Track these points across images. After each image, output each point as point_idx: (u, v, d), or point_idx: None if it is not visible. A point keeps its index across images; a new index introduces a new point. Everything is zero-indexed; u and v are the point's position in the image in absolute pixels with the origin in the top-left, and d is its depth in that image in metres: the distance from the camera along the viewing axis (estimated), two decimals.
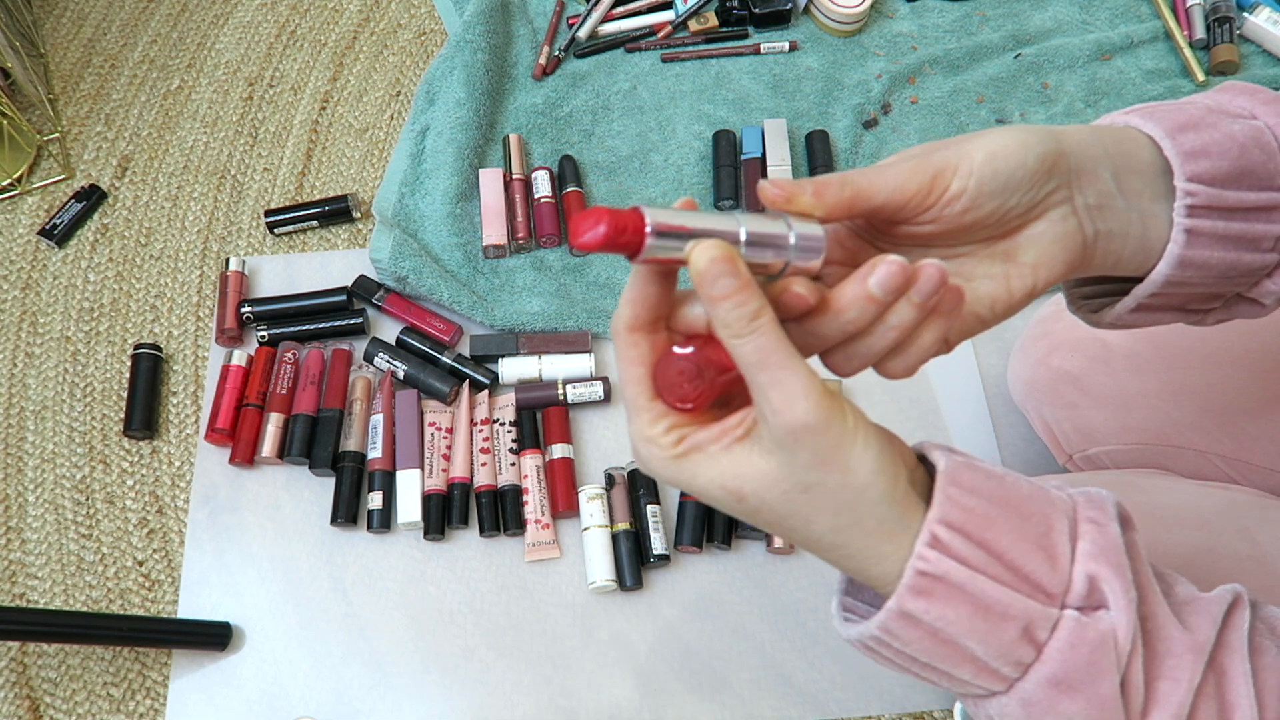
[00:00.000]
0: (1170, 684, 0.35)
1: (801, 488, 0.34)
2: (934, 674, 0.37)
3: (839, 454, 0.33)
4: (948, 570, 0.34)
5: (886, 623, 0.35)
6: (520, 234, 0.98)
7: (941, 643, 0.35)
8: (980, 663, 0.35)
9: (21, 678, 0.81)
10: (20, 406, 0.93)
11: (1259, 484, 0.66)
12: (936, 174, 0.36)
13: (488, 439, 0.88)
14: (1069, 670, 0.34)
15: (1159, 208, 0.39)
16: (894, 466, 0.35)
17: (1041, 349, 0.76)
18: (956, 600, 0.34)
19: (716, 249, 0.32)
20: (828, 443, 0.33)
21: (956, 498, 0.35)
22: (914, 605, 0.34)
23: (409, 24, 1.17)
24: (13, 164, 1.05)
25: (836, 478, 0.33)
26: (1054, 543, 0.35)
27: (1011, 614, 0.34)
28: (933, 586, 0.34)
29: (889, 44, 1.13)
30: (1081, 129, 0.39)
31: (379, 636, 0.83)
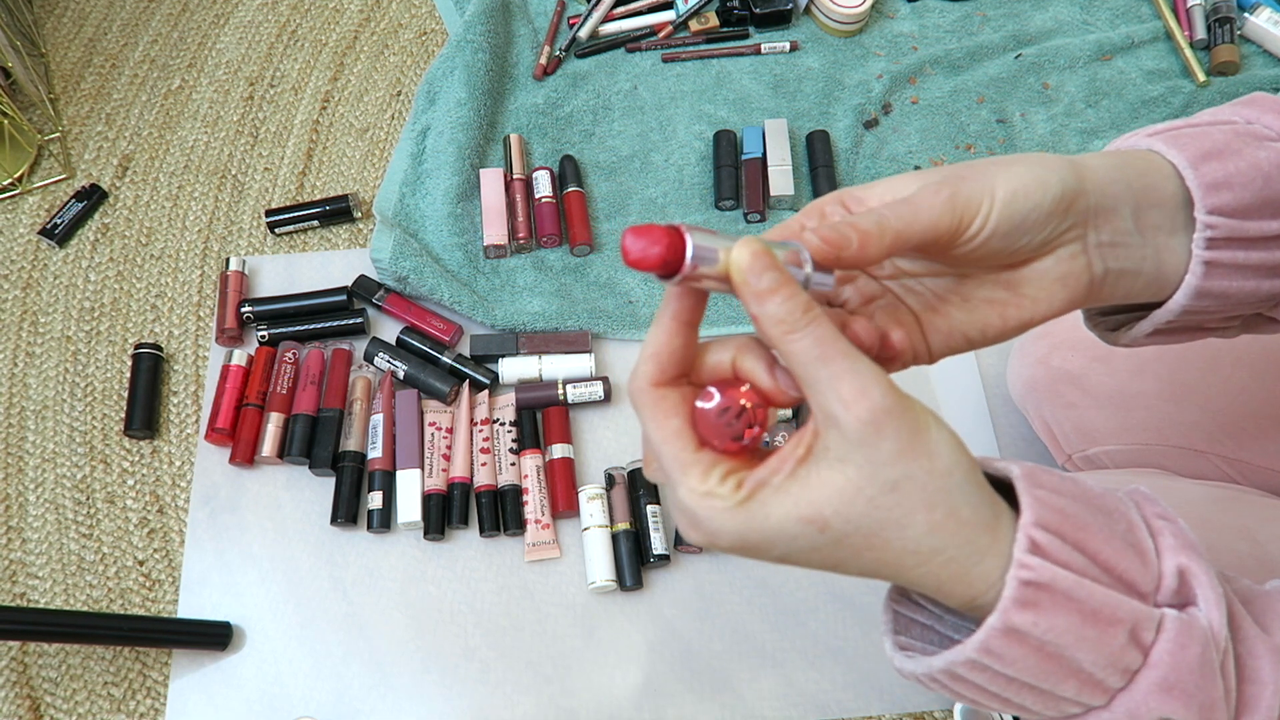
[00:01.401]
0: (1257, 687, 0.34)
1: (889, 486, 0.31)
2: (1029, 696, 0.33)
3: (921, 438, 0.31)
4: (1053, 576, 0.31)
5: (988, 643, 0.31)
6: (521, 234, 0.98)
7: (1047, 657, 0.32)
8: (1085, 675, 0.32)
9: (22, 677, 0.81)
10: (21, 406, 0.93)
11: (1260, 484, 0.66)
12: (963, 212, 0.34)
13: (488, 439, 0.88)
14: (1179, 672, 0.32)
15: (1177, 241, 0.38)
16: (968, 451, 0.32)
17: (1042, 348, 0.76)
18: (1064, 608, 0.31)
19: (757, 244, 0.31)
20: (908, 426, 0.31)
21: (1045, 499, 0.32)
22: (1020, 618, 0.31)
23: (410, 24, 1.17)
24: (13, 163, 1.05)
25: (923, 464, 0.31)
26: (1139, 539, 0.33)
27: (1119, 617, 0.31)
28: (1038, 596, 0.31)
29: (890, 44, 1.13)
30: (1105, 161, 0.38)
31: (379, 636, 0.83)
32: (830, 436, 0.31)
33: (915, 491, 0.31)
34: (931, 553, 0.32)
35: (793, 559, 0.33)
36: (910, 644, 0.36)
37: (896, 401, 0.31)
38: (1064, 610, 0.31)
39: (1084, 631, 0.31)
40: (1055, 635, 0.31)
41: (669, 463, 0.34)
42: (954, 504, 0.31)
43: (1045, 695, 0.33)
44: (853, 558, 0.33)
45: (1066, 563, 0.31)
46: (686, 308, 0.34)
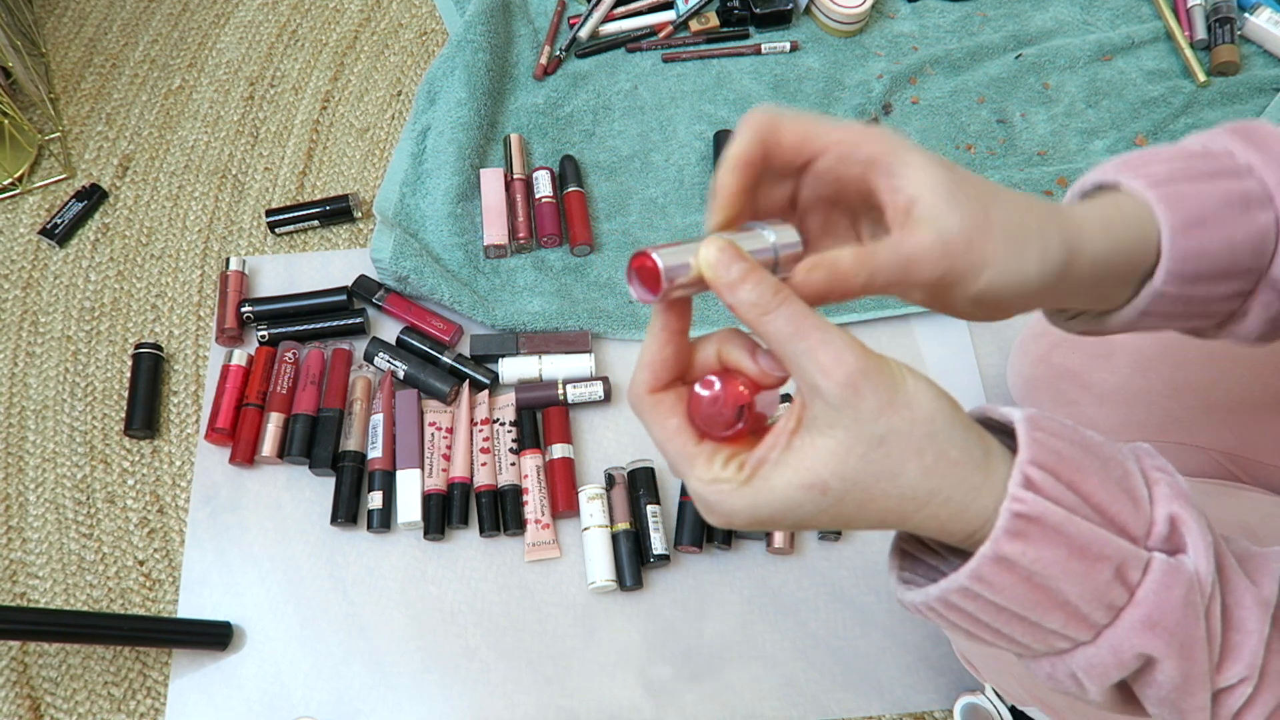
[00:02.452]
0: (1243, 635, 0.35)
1: (877, 441, 0.33)
2: (1018, 627, 0.35)
3: (898, 392, 0.33)
4: (1044, 510, 0.33)
5: (979, 569, 0.34)
6: (521, 234, 0.98)
7: (1035, 587, 0.34)
8: (1072, 608, 0.34)
9: (22, 677, 0.81)
10: (21, 406, 0.93)
11: (1262, 481, 0.66)
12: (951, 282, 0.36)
13: (488, 439, 0.88)
14: (1162, 611, 0.34)
15: (1122, 293, 0.41)
16: (949, 397, 0.35)
17: (1042, 346, 0.76)
18: (1053, 541, 0.33)
19: (721, 240, 0.34)
20: (885, 383, 0.33)
21: (1043, 440, 0.34)
22: (1010, 548, 0.33)
23: (410, 24, 1.17)
24: (14, 163, 1.05)
25: (905, 415, 0.33)
26: (1134, 486, 0.35)
27: (1106, 554, 0.33)
28: (1029, 528, 0.33)
29: (890, 44, 1.13)
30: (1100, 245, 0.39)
31: (379, 636, 0.82)
32: (816, 405, 0.33)
33: (901, 441, 0.33)
34: (928, 496, 0.34)
35: (806, 523, 0.35)
36: (913, 579, 0.38)
37: (871, 362, 0.33)
38: (1053, 543, 0.33)
39: (1071, 565, 0.33)
40: (1043, 566, 0.33)
41: (676, 459, 0.36)
42: (941, 447, 0.34)
43: (1033, 627, 0.35)
44: (858, 513, 0.35)
45: (1058, 499, 0.33)
46: (673, 319, 0.37)
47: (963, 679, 0.81)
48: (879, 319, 0.96)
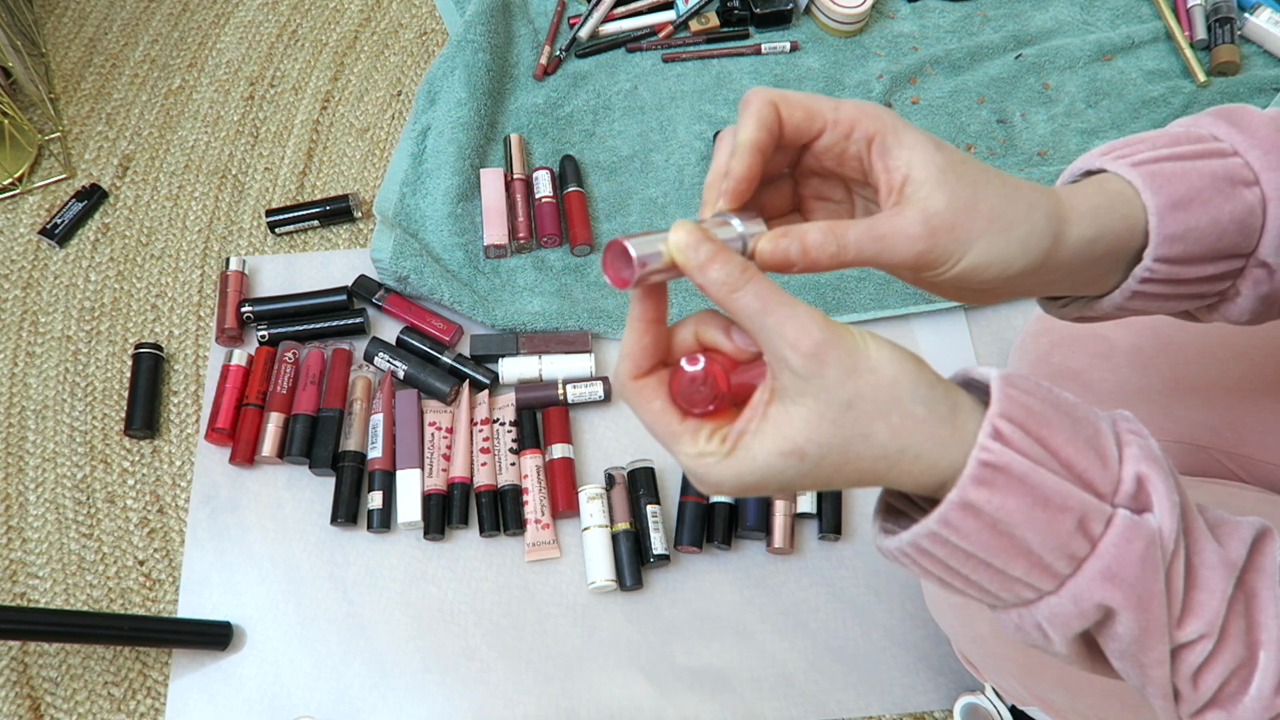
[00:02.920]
0: (1205, 594, 0.36)
1: (844, 405, 0.35)
2: (985, 574, 0.36)
3: (860, 358, 0.35)
4: (1010, 461, 0.35)
5: (947, 515, 0.35)
6: (521, 234, 0.98)
7: (999, 534, 0.35)
8: (1035, 557, 0.35)
9: (22, 677, 0.81)
10: (21, 406, 0.93)
11: (1262, 479, 0.66)
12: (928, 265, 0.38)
13: (488, 439, 0.88)
14: (1122, 564, 0.35)
15: (1115, 276, 0.43)
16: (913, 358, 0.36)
17: (1042, 345, 0.76)
18: (1017, 490, 0.35)
19: (689, 224, 0.36)
20: (847, 351, 0.35)
21: (1015, 396, 0.36)
22: (976, 495, 0.35)
23: (410, 24, 1.17)
24: (14, 163, 1.05)
25: (868, 379, 0.35)
26: (1104, 445, 0.37)
27: (1069, 505, 0.35)
28: (994, 477, 0.35)
29: (890, 44, 1.13)
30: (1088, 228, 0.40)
31: (379, 636, 0.82)
32: (785, 377, 0.35)
33: (868, 405, 0.35)
34: (899, 453, 0.36)
35: (790, 486, 0.37)
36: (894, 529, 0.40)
37: (833, 332, 0.35)
38: (1017, 492, 0.35)
39: (1034, 514, 0.35)
40: (1007, 514, 0.35)
41: (664, 438, 0.38)
42: (907, 407, 0.35)
43: (999, 574, 0.36)
44: (837, 474, 0.36)
45: (1025, 451, 0.35)
46: (649, 308, 0.38)
47: (963, 679, 0.81)
48: (879, 319, 0.96)
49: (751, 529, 0.84)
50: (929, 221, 0.37)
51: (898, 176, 0.38)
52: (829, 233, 0.37)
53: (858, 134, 0.39)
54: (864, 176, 0.41)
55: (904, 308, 0.95)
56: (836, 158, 0.40)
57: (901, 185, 0.38)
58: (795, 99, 0.39)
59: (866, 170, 0.40)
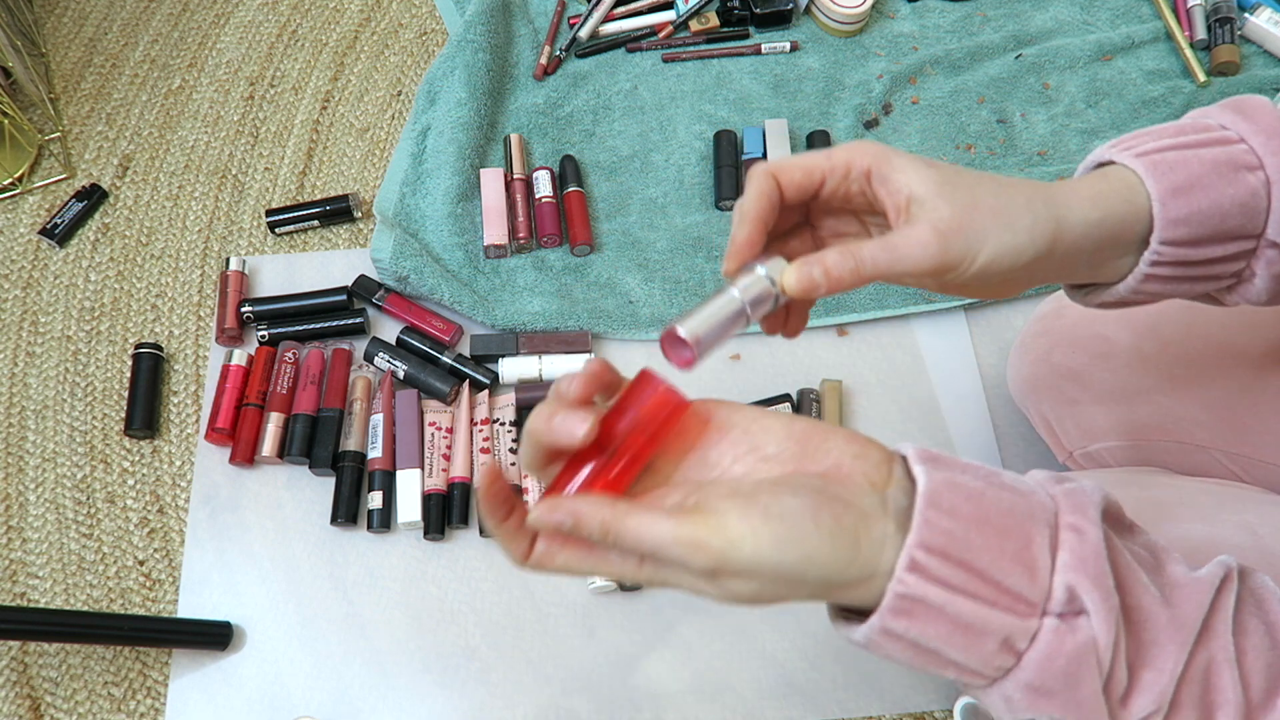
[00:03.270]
0: (1154, 673, 0.36)
1: (753, 595, 0.36)
2: (929, 667, 0.38)
3: (735, 558, 0.35)
4: (925, 593, 0.35)
5: (870, 637, 0.37)
6: (521, 234, 0.98)
7: (923, 653, 0.36)
8: (962, 667, 0.36)
9: (22, 677, 0.81)
10: (21, 406, 0.93)
11: (1261, 479, 0.66)
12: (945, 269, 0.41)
13: (488, 439, 0.88)
14: (1046, 679, 0.36)
15: (1124, 261, 0.45)
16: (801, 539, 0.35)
17: (1042, 346, 0.76)
18: (935, 619, 0.35)
19: (534, 514, 0.38)
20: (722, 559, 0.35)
21: (935, 520, 0.36)
22: (895, 624, 0.36)
23: (410, 24, 1.17)
24: (14, 163, 1.05)
25: (756, 573, 0.35)
26: (1034, 556, 0.36)
27: (990, 629, 0.35)
28: (913, 608, 0.35)
29: (890, 44, 1.13)
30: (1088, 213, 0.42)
31: (379, 636, 0.82)
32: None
33: (770, 589, 0.36)
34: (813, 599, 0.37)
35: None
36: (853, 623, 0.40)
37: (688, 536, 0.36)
38: (935, 620, 0.35)
39: (954, 639, 0.35)
40: (928, 640, 0.36)
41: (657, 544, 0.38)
42: (807, 582, 0.36)
43: (941, 669, 0.37)
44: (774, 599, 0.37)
45: (943, 579, 0.35)
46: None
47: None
48: (879, 319, 0.96)
49: None
50: (938, 228, 0.40)
51: (901, 197, 0.41)
52: (845, 252, 0.41)
53: (855, 172, 0.42)
54: (870, 206, 0.44)
55: (904, 308, 0.95)
56: (843, 197, 0.44)
57: (906, 204, 0.41)
58: (790, 163, 0.43)
59: (872, 200, 0.43)
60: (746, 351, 0.95)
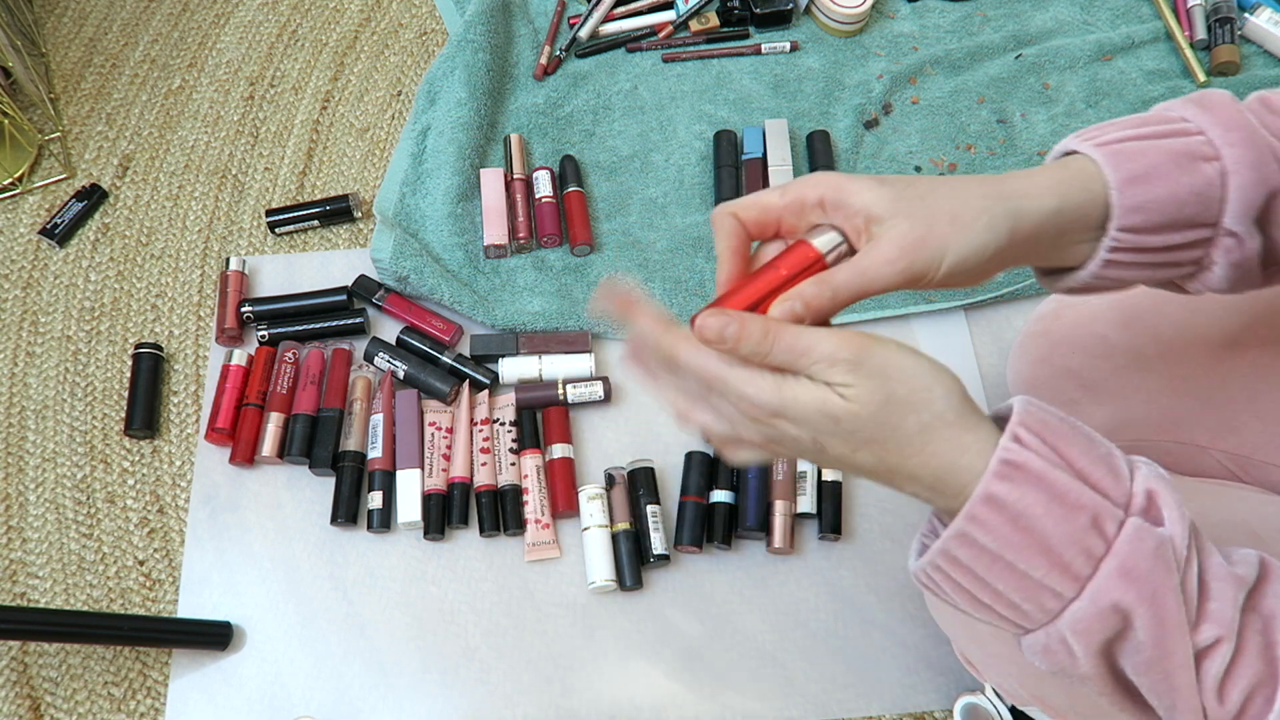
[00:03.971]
0: (1217, 603, 0.39)
1: (882, 401, 0.40)
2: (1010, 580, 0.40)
3: (893, 365, 0.41)
4: (1028, 459, 0.39)
5: (972, 510, 0.39)
6: (521, 234, 0.98)
7: (1020, 529, 0.39)
8: (1054, 555, 0.38)
9: (22, 677, 0.81)
10: (21, 406, 0.93)
11: (1261, 480, 0.66)
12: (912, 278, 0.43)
13: (488, 439, 0.88)
14: (1136, 561, 0.38)
15: (1085, 247, 0.47)
16: (948, 374, 0.42)
17: (1043, 346, 0.76)
18: (1036, 485, 0.38)
19: (705, 318, 0.41)
20: (883, 358, 0.41)
21: (1034, 411, 0.41)
22: (998, 488, 0.39)
23: (410, 24, 1.17)
24: (14, 163, 1.05)
25: (904, 381, 0.41)
26: (1116, 464, 0.40)
27: (1083, 504, 0.38)
28: (1014, 473, 0.39)
29: (890, 44, 1.13)
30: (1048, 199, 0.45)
31: (379, 636, 0.82)
32: (832, 375, 0.41)
33: (901, 402, 0.41)
34: (923, 444, 0.41)
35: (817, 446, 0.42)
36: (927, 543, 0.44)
37: (867, 342, 0.41)
38: (1035, 486, 0.39)
39: (1052, 508, 0.38)
40: (1026, 507, 0.38)
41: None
42: (936, 408, 0.41)
43: (1023, 579, 0.39)
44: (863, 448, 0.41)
45: (1042, 455, 0.39)
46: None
47: (963, 679, 0.81)
48: (879, 319, 0.96)
49: (751, 529, 0.84)
50: (900, 244, 0.42)
51: (860, 220, 0.43)
52: (821, 283, 0.42)
53: (810, 203, 0.44)
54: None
55: (904, 308, 0.95)
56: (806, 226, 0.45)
57: (866, 225, 0.43)
58: (746, 203, 0.45)
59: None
60: None
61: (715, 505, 0.85)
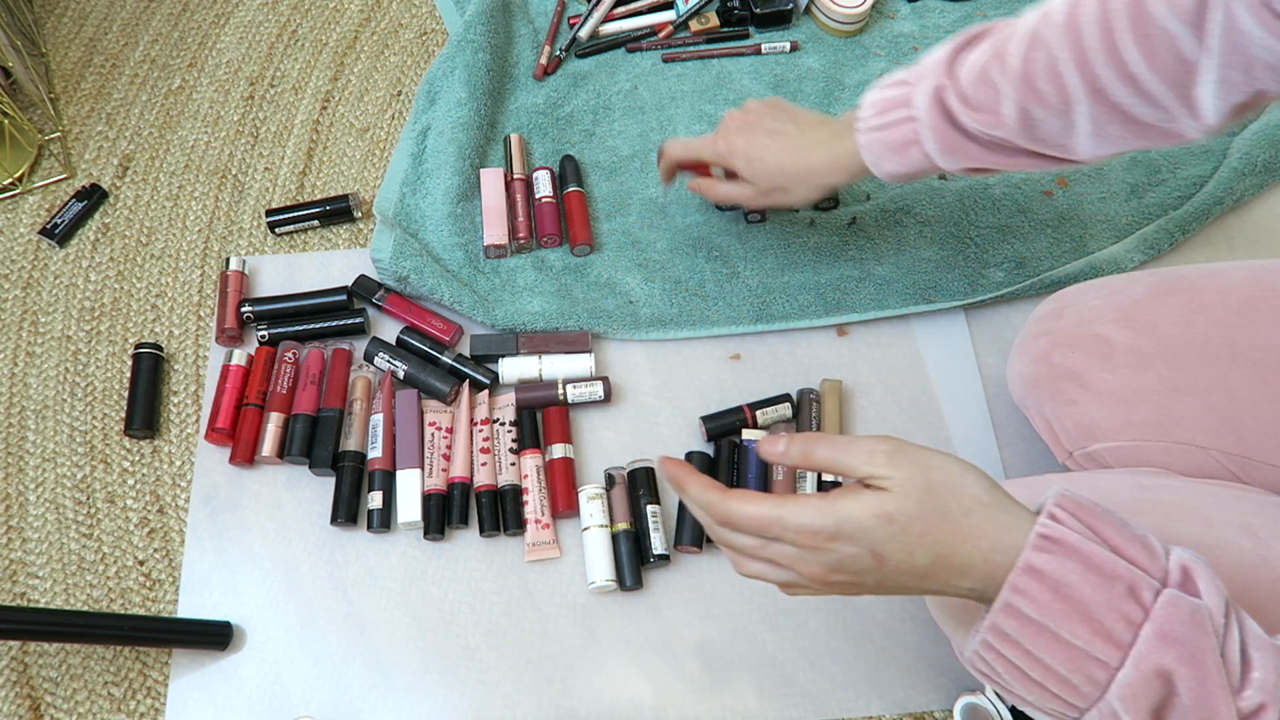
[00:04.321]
0: (1260, 671, 0.40)
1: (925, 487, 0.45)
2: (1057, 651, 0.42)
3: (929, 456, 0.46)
4: (1064, 534, 0.42)
5: (1015, 580, 0.42)
6: (521, 234, 0.98)
7: (1061, 598, 0.41)
8: (1096, 623, 0.41)
9: (22, 677, 0.81)
10: (21, 406, 0.93)
11: (1261, 480, 0.66)
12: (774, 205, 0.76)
13: (488, 439, 0.88)
14: (1174, 625, 0.40)
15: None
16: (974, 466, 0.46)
17: (1042, 346, 0.76)
18: (1072, 556, 0.42)
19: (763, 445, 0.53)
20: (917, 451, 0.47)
21: (1072, 494, 0.44)
22: (1037, 559, 0.42)
23: (410, 24, 1.17)
24: (14, 163, 1.05)
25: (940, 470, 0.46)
26: (1151, 543, 0.43)
27: (1119, 574, 0.41)
28: (1053, 546, 0.42)
29: (890, 44, 1.13)
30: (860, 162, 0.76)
31: (379, 636, 0.82)
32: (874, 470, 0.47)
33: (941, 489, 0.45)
34: (970, 527, 0.44)
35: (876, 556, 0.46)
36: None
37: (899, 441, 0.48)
38: (1072, 558, 0.42)
39: (1089, 576, 0.41)
40: (1065, 575, 0.41)
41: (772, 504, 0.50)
42: (973, 492, 0.45)
43: (1068, 649, 0.41)
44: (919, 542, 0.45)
45: (1078, 531, 0.42)
46: None
47: (963, 679, 0.81)
48: (879, 319, 0.96)
49: None
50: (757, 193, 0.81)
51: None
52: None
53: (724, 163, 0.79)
54: None
55: (904, 308, 0.95)
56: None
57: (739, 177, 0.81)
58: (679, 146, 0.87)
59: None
60: (747, 351, 0.95)
61: None
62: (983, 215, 0.99)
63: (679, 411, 0.92)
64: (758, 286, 0.96)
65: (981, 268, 0.97)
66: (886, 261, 0.97)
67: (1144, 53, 0.55)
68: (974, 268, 0.97)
